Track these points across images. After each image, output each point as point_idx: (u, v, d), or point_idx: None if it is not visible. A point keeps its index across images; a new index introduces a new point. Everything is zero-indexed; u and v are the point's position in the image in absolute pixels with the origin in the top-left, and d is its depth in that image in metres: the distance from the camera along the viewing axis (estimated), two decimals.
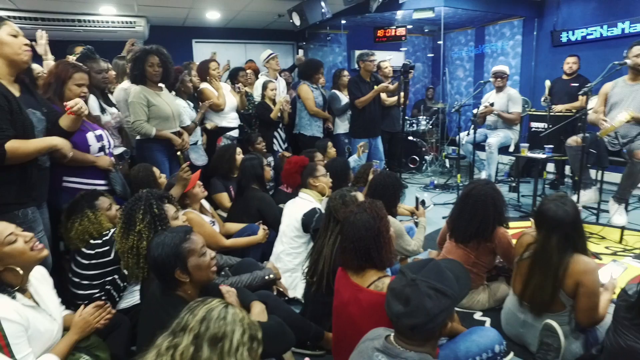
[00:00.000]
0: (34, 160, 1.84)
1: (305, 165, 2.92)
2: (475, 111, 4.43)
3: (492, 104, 4.68)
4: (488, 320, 2.25)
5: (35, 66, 2.73)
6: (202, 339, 0.97)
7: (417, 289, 1.08)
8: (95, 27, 5.70)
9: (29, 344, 1.33)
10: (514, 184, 4.74)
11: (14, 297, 1.36)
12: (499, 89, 4.76)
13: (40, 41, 2.74)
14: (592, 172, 3.64)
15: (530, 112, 4.87)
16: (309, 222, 2.48)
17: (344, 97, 4.77)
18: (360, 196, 2.13)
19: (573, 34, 5.44)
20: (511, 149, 4.71)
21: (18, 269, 1.38)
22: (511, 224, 3.46)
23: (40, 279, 1.55)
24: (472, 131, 4.44)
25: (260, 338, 1.05)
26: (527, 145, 4.04)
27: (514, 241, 2.19)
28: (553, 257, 1.79)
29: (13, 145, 1.67)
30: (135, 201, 1.79)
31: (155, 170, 2.68)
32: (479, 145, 4.67)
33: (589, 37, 5.25)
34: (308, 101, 4.49)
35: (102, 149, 2.33)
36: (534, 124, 4.64)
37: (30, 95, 1.93)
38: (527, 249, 1.93)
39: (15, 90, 1.80)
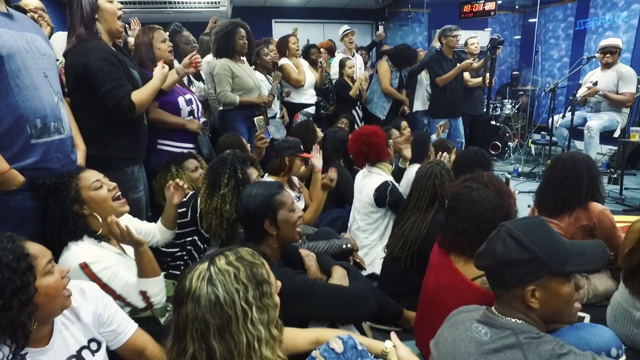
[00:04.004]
0: (141, 117, 1.95)
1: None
2: (577, 92, 3.94)
3: (595, 83, 4.04)
4: (587, 317, 1.98)
5: (130, 39, 2.95)
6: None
7: (498, 233, 1.05)
8: (183, 8, 6.01)
9: (123, 274, 1.39)
10: (614, 176, 4.20)
11: (106, 241, 1.45)
12: (607, 66, 4.07)
13: (135, 27, 3.17)
14: None
15: None
16: (382, 197, 2.41)
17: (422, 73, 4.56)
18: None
19: None
20: (616, 134, 4.12)
21: (98, 216, 1.42)
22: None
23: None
24: (568, 114, 3.98)
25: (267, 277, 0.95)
26: (639, 129, 3.54)
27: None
28: None
29: (136, 96, 1.79)
30: (221, 164, 1.78)
31: (242, 138, 2.71)
32: (574, 130, 4.14)
33: None
34: (384, 79, 4.38)
35: (191, 112, 2.42)
36: None
37: (127, 57, 2.05)
38: None
39: None
